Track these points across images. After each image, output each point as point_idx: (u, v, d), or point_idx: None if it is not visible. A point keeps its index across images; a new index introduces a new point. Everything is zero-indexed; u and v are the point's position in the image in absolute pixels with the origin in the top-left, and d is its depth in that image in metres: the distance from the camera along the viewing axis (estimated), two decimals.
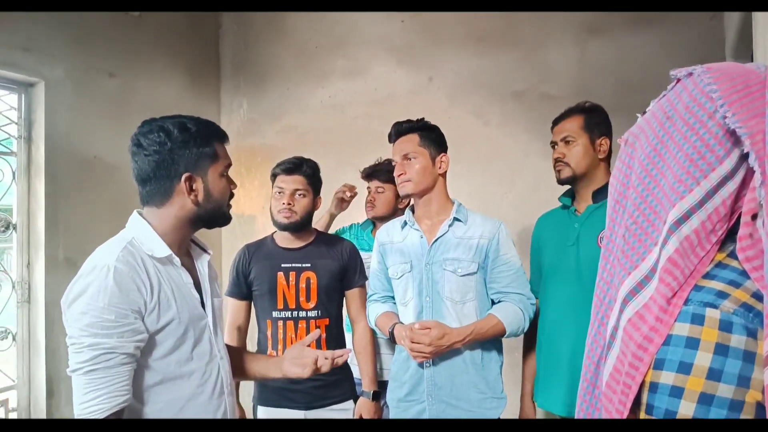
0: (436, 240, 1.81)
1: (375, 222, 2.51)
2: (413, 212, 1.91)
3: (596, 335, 0.77)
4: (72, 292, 1.17)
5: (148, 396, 1.22)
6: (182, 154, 1.27)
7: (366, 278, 2.15)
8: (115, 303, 1.13)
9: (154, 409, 1.23)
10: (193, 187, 1.29)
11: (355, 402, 2.08)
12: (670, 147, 0.70)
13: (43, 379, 2.70)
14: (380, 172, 2.46)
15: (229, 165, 1.38)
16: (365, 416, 2.04)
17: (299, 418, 1.99)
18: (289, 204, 2.02)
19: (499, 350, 1.83)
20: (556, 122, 1.89)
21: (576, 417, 0.80)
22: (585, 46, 2.90)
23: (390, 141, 1.92)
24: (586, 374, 0.78)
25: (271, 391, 2.04)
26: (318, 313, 2.05)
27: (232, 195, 1.39)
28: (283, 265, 2.06)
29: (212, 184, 1.31)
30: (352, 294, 2.16)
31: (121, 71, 3.18)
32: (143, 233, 1.27)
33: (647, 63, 2.69)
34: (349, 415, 2.05)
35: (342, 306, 2.19)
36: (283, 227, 2.06)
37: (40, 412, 2.70)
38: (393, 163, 1.89)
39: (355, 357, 2.15)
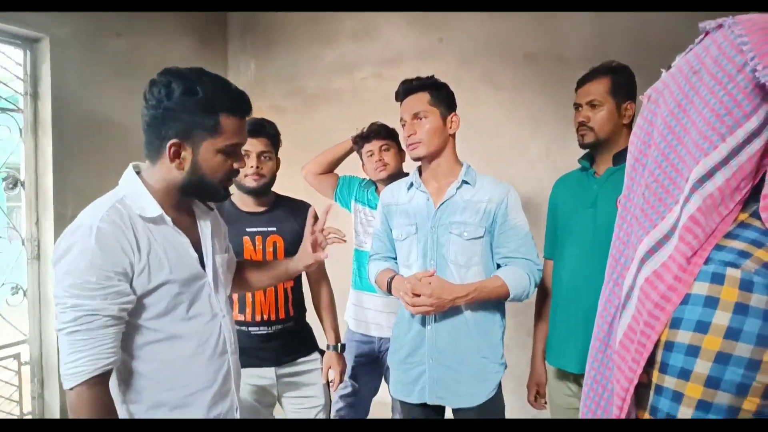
0: (443, 203, 1.77)
1: (378, 182, 2.45)
2: (420, 173, 1.87)
3: (610, 294, 0.76)
4: (57, 251, 1.14)
5: (142, 354, 1.21)
6: (176, 117, 1.17)
7: None
8: (97, 264, 1.10)
9: (150, 368, 1.21)
10: (181, 155, 1.20)
11: (321, 354, 2.11)
12: (696, 102, 0.67)
13: (53, 334, 2.75)
14: (377, 132, 2.39)
15: (236, 144, 1.25)
16: (333, 368, 2.08)
17: (272, 375, 2.01)
18: (258, 167, 1.95)
19: (503, 315, 1.81)
20: (581, 83, 1.83)
21: (586, 375, 0.80)
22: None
23: (397, 99, 1.85)
24: (598, 333, 0.77)
25: (242, 353, 2.08)
26: None
27: (233, 173, 1.28)
28: (248, 230, 2.00)
29: (203, 158, 1.21)
30: None
31: (129, 31, 3.13)
32: (135, 192, 1.22)
33: (666, 22, 2.61)
34: (317, 365, 2.09)
35: None
36: (251, 191, 1.98)
37: (51, 366, 2.76)
38: (402, 123, 1.82)
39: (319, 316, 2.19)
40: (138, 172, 1.29)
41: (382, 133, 2.38)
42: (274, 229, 2.01)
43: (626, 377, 0.67)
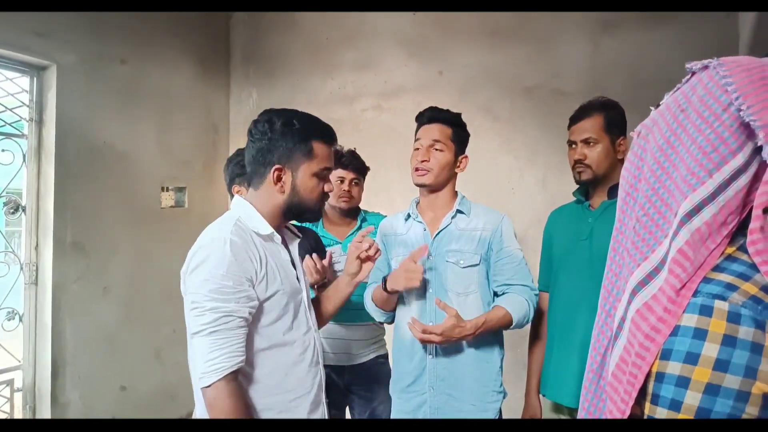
0: (439, 232, 1.80)
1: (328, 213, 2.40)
2: (417, 204, 1.91)
3: (603, 326, 0.77)
4: (192, 262, 1.29)
5: (257, 360, 1.33)
6: (278, 146, 1.36)
7: None
8: (233, 271, 1.25)
9: (263, 372, 1.34)
10: (282, 179, 1.38)
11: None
12: (684, 139, 0.70)
13: (48, 361, 2.73)
14: (356, 164, 2.35)
15: (328, 168, 1.43)
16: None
17: None
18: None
19: (501, 344, 1.83)
20: (574, 120, 1.86)
21: (580, 407, 0.80)
22: (598, 42, 2.89)
23: (418, 121, 1.86)
24: (591, 365, 0.78)
25: None
26: None
27: (325, 196, 1.46)
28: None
29: (301, 181, 1.38)
30: None
31: (133, 58, 3.19)
32: (247, 213, 1.39)
33: (660, 60, 2.67)
34: None
35: None
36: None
37: (44, 393, 2.73)
38: (416, 146, 1.82)
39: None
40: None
41: (359, 166, 2.36)
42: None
43: (618, 409, 0.68)
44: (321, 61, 3.65)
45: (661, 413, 0.63)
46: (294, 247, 1.53)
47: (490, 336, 1.77)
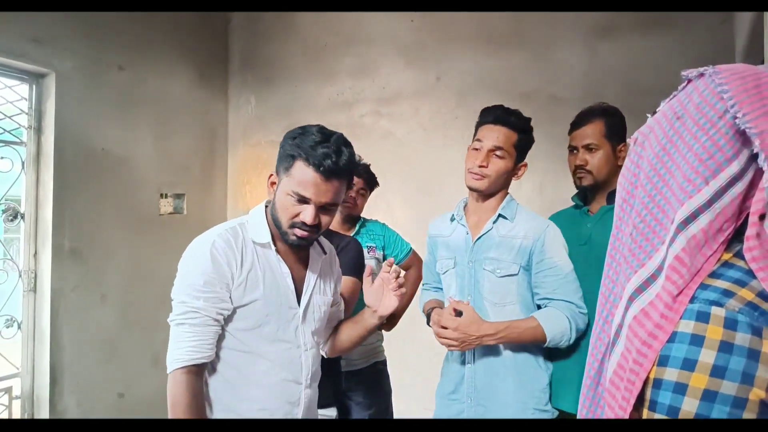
0: (479, 237, 1.70)
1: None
2: (464, 206, 1.81)
3: (600, 332, 0.77)
4: (183, 255, 1.35)
5: (226, 357, 1.35)
6: (279, 154, 1.37)
7: (352, 272, 1.98)
8: (206, 271, 1.29)
9: (229, 373, 1.35)
10: (273, 186, 1.40)
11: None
12: (680, 146, 0.70)
13: (46, 368, 2.72)
14: (367, 175, 2.39)
15: (302, 196, 1.30)
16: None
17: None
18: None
19: (546, 357, 1.69)
20: (575, 126, 1.85)
21: (578, 413, 0.80)
22: (594, 49, 2.90)
23: (482, 118, 1.72)
24: (589, 371, 0.78)
25: None
26: None
27: (299, 223, 1.33)
28: None
29: (279, 194, 1.35)
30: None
31: (131, 65, 3.20)
32: (254, 219, 1.42)
33: (657, 66, 2.69)
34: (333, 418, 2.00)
35: None
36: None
37: (42, 401, 2.72)
38: (476, 146, 1.67)
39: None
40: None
41: (369, 179, 2.40)
42: None
43: (616, 415, 0.68)
44: (319, 67, 3.66)
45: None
46: (315, 263, 1.49)
47: (532, 349, 1.65)
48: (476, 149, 1.68)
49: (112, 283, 3.07)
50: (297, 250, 1.46)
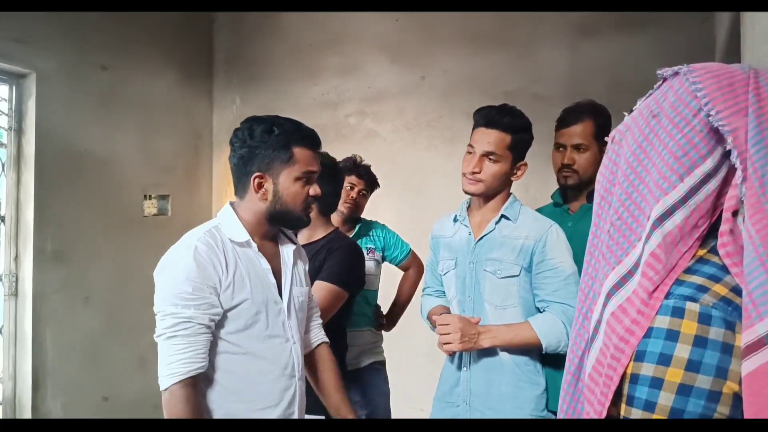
0: (481, 238, 1.67)
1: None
2: (468, 206, 1.78)
3: (580, 329, 0.78)
4: (158, 267, 1.32)
5: (220, 363, 1.33)
6: (257, 153, 1.36)
7: (336, 280, 1.89)
8: (192, 277, 1.26)
9: (225, 377, 1.34)
10: (263, 186, 1.38)
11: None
12: (656, 144, 0.71)
13: (29, 373, 2.69)
14: (369, 178, 2.40)
15: (311, 171, 1.41)
16: None
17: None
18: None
19: (543, 364, 1.67)
20: (564, 123, 1.82)
21: (559, 409, 0.81)
22: (577, 48, 2.93)
23: (475, 119, 1.68)
24: (569, 367, 0.79)
25: None
26: None
27: (311, 200, 1.44)
28: None
29: (283, 186, 1.38)
30: (314, 285, 1.87)
31: (114, 64, 3.16)
32: (228, 220, 1.40)
33: (638, 65, 2.71)
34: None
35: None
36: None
37: (25, 405, 2.69)
38: (469, 150, 1.65)
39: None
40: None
41: (371, 181, 2.42)
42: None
43: (595, 410, 0.69)
44: (304, 66, 3.66)
45: (636, 414, 0.64)
46: (288, 255, 1.50)
47: (531, 353, 1.63)
48: (469, 152, 1.66)
49: (95, 286, 3.04)
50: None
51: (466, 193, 1.69)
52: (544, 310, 1.62)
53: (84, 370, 2.95)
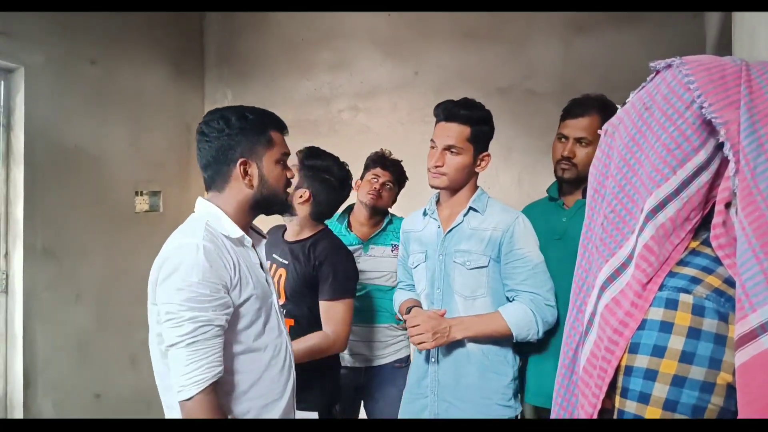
0: (450, 230, 1.71)
1: (349, 215, 2.43)
2: (437, 200, 1.81)
3: (574, 322, 0.78)
4: (164, 271, 1.23)
5: (233, 365, 1.30)
6: (239, 140, 1.34)
7: (343, 293, 1.89)
8: (208, 278, 1.21)
9: (234, 379, 1.31)
10: (248, 172, 1.35)
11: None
12: (648, 137, 0.71)
13: (20, 371, 2.67)
14: (396, 170, 2.39)
15: (286, 154, 1.44)
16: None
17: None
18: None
19: (515, 353, 1.71)
20: (571, 115, 1.79)
21: (553, 403, 0.81)
22: (570, 44, 2.93)
23: (435, 115, 1.72)
24: (564, 360, 0.79)
25: None
26: (285, 311, 1.91)
27: (289, 183, 1.46)
28: (272, 255, 1.97)
29: (267, 170, 1.38)
30: (323, 306, 1.89)
31: (103, 59, 3.13)
32: (215, 216, 1.34)
33: (631, 61, 2.72)
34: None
35: (314, 311, 1.92)
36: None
37: (16, 403, 2.67)
38: (431, 145, 1.70)
39: None
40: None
41: (397, 174, 2.40)
42: (286, 262, 1.95)
43: (590, 402, 0.69)
44: (296, 61, 3.64)
45: (631, 406, 0.65)
46: (260, 248, 1.50)
47: (498, 343, 1.66)
48: (432, 148, 1.70)
49: (86, 283, 3.01)
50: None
51: (432, 187, 1.73)
52: (513, 299, 1.66)
53: (75, 368, 2.93)
